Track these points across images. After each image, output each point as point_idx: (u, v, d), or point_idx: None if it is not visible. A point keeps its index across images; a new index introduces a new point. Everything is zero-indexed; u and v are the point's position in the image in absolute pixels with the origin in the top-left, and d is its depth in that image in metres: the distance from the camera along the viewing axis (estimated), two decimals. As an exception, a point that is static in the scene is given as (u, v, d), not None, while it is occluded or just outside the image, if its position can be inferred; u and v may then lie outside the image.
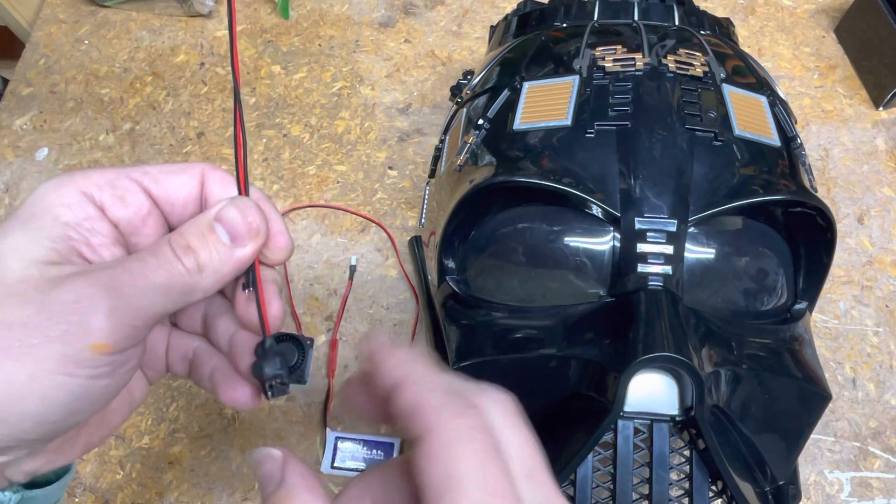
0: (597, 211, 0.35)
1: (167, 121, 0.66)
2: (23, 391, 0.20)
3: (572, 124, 0.36)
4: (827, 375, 0.47)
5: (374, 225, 0.60)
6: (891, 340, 0.55)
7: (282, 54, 0.70)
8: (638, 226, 0.34)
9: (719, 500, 0.33)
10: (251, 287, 0.24)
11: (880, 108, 0.66)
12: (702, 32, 0.42)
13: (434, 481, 0.17)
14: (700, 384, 0.30)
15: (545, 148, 0.36)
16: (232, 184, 0.25)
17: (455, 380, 0.20)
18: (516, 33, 0.46)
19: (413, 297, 0.56)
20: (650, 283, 0.33)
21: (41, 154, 0.64)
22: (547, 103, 0.38)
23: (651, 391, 0.32)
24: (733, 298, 0.37)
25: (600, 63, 0.38)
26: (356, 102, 0.67)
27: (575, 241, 0.36)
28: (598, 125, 0.36)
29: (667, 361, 0.30)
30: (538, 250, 0.37)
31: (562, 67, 0.39)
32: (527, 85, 0.39)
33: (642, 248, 0.34)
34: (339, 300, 0.56)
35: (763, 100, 0.39)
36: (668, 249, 0.34)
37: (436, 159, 0.49)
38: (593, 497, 0.32)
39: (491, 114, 0.40)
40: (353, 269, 0.57)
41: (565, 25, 0.43)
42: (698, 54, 0.39)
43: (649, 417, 0.32)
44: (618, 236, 0.35)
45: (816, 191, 0.40)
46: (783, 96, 0.42)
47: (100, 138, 0.65)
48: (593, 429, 0.31)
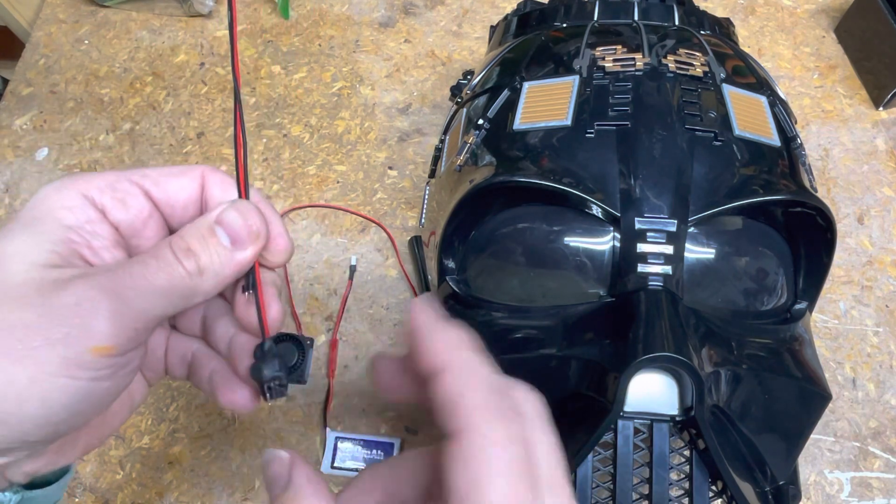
0: (597, 211, 0.35)
1: (167, 121, 0.66)
2: (24, 393, 0.20)
3: (572, 124, 0.36)
4: (827, 375, 0.47)
5: (374, 225, 0.60)
6: (891, 340, 0.55)
7: (282, 54, 0.70)
8: (638, 226, 0.34)
9: (719, 500, 0.33)
10: (251, 289, 0.24)
11: (880, 108, 0.66)
12: (702, 32, 0.42)
13: (461, 485, 0.17)
14: (700, 384, 0.30)
15: (545, 148, 0.36)
16: (232, 186, 0.25)
17: (496, 376, 0.19)
18: (516, 33, 0.46)
19: (413, 297, 0.56)
20: (650, 283, 0.33)
21: (41, 154, 0.64)
22: (547, 103, 0.38)
23: (651, 391, 0.32)
24: (733, 298, 0.37)
25: (600, 63, 0.38)
26: (356, 102, 0.67)
27: (575, 241, 0.36)
28: (598, 125, 0.36)
29: (667, 361, 0.30)
30: (538, 250, 0.37)
31: (562, 67, 0.39)
32: (527, 85, 0.39)
33: (642, 248, 0.34)
34: (339, 300, 0.56)
35: (763, 100, 0.39)
36: (668, 249, 0.34)
37: (436, 159, 0.49)
38: (593, 497, 0.32)
39: (491, 114, 0.40)
40: (353, 269, 0.57)
41: (565, 25, 0.43)
42: (698, 54, 0.39)
43: (649, 417, 0.32)
44: (618, 236, 0.35)
45: (816, 191, 0.40)
46: (783, 96, 0.42)
47: (100, 138, 0.65)
48: (593, 429, 0.31)
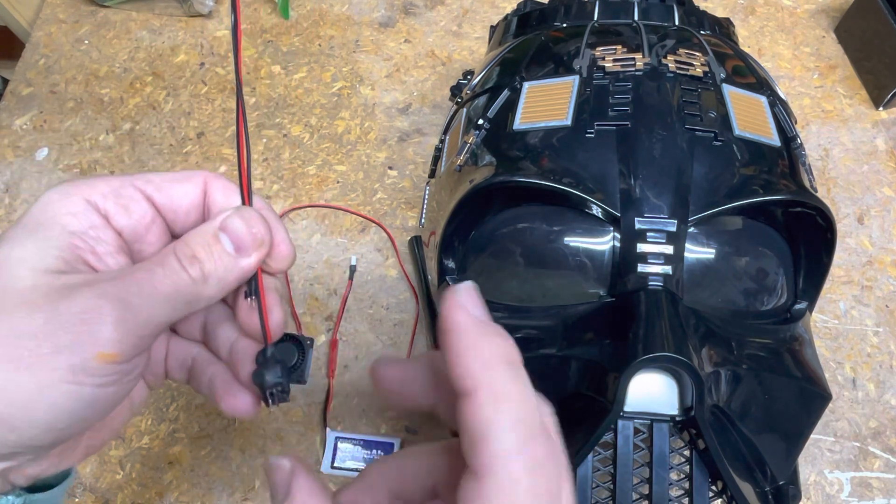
0: (597, 211, 0.35)
1: (167, 121, 0.66)
2: (32, 399, 0.20)
3: (572, 124, 0.36)
4: (827, 375, 0.47)
5: (374, 225, 0.60)
6: (891, 340, 0.55)
7: (282, 54, 0.70)
8: (638, 226, 0.34)
9: (719, 500, 0.33)
10: (253, 295, 0.24)
11: (880, 108, 0.66)
12: (702, 32, 0.42)
13: None
14: (700, 384, 0.30)
15: (545, 148, 0.36)
16: (234, 192, 0.25)
17: (529, 404, 0.18)
18: (516, 33, 0.46)
19: (413, 297, 0.56)
20: (650, 283, 0.33)
21: (41, 154, 0.64)
22: (547, 103, 0.38)
23: (651, 391, 0.32)
24: (733, 298, 0.37)
25: (600, 63, 0.38)
26: (356, 102, 0.67)
27: (575, 241, 0.36)
28: (598, 125, 0.36)
29: (667, 361, 0.30)
30: (538, 250, 0.37)
31: (562, 67, 0.39)
32: (527, 85, 0.39)
33: (642, 248, 0.34)
34: (339, 300, 0.56)
35: (763, 100, 0.39)
36: (668, 249, 0.34)
37: (436, 159, 0.49)
38: (593, 497, 0.32)
39: (491, 114, 0.40)
40: (353, 269, 0.57)
41: (565, 25, 0.43)
42: (698, 54, 0.39)
43: (649, 417, 0.32)
44: (618, 236, 0.35)
45: (816, 191, 0.40)
46: (783, 96, 0.42)
47: (100, 138, 0.65)
48: (593, 429, 0.31)
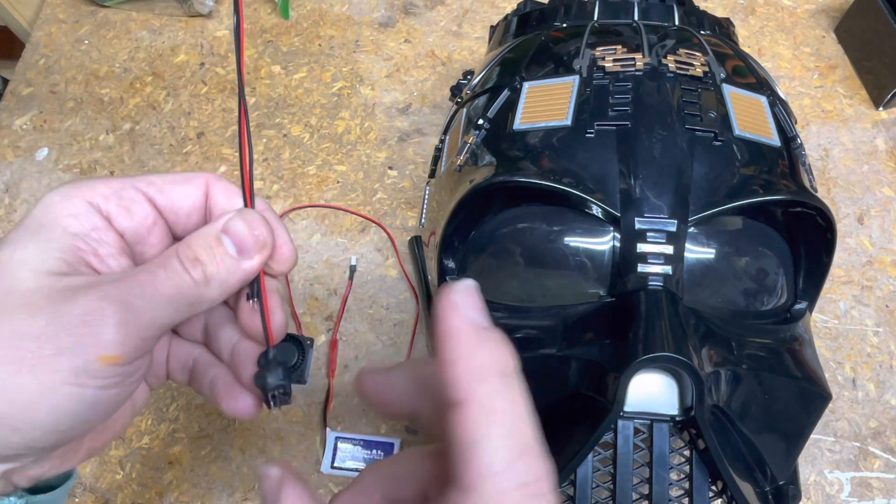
0: (597, 211, 0.35)
1: (167, 121, 0.66)
2: (35, 401, 0.20)
3: (572, 124, 0.36)
4: (827, 375, 0.47)
5: (374, 225, 0.60)
6: (891, 340, 0.55)
7: (282, 54, 0.70)
8: (638, 226, 0.34)
9: (719, 500, 0.33)
10: (255, 297, 0.24)
11: (880, 108, 0.66)
12: (702, 32, 0.42)
13: None
14: (700, 384, 0.30)
15: (545, 148, 0.36)
16: (236, 194, 0.25)
17: (522, 419, 0.17)
18: (516, 33, 0.46)
19: (413, 297, 0.56)
20: (650, 283, 0.33)
21: (41, 154, 0.64)
22: (547, 103, 0.38)
23: (651, 391, 0.32)
24: (733, 298, 0.37)
25: (600, 63, 0.38)
26: (356, 102, 0.67)
27: (575, 241, 0.36)
28: (598, 125, 0.35)
29: (667, 361, 0.30)
30: (538, 250, 0.37)
31: (562, 67, 0.39)
32: (527, 85, 0.39)
33: (642, 248, 0.34)
34: (339, 300, 0.56)
35: (763, 100, 0.39)
36: (668, 249, 0.34)
37: (436, 159, 0.49)
38: (593, 497, 0.32)
39: (491, 114, 0.40)
40: (353, 269, 0.57)
41: (565, 25, 0.43)
42: (698, 54, 0.39)
43: (649, 417, 0.32)
44: (618, 236, 0.35)
45: (816, 191, 0.40)
46: (783, 96, 0.42)
47: (100, 138, 0.65)
48: (593, 429, 0.31)
